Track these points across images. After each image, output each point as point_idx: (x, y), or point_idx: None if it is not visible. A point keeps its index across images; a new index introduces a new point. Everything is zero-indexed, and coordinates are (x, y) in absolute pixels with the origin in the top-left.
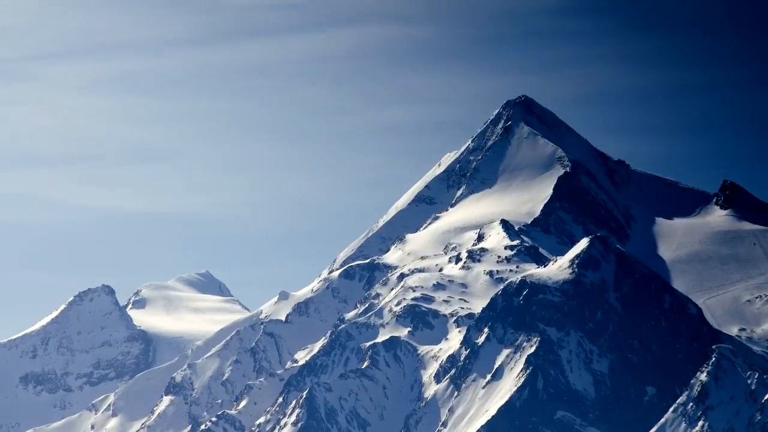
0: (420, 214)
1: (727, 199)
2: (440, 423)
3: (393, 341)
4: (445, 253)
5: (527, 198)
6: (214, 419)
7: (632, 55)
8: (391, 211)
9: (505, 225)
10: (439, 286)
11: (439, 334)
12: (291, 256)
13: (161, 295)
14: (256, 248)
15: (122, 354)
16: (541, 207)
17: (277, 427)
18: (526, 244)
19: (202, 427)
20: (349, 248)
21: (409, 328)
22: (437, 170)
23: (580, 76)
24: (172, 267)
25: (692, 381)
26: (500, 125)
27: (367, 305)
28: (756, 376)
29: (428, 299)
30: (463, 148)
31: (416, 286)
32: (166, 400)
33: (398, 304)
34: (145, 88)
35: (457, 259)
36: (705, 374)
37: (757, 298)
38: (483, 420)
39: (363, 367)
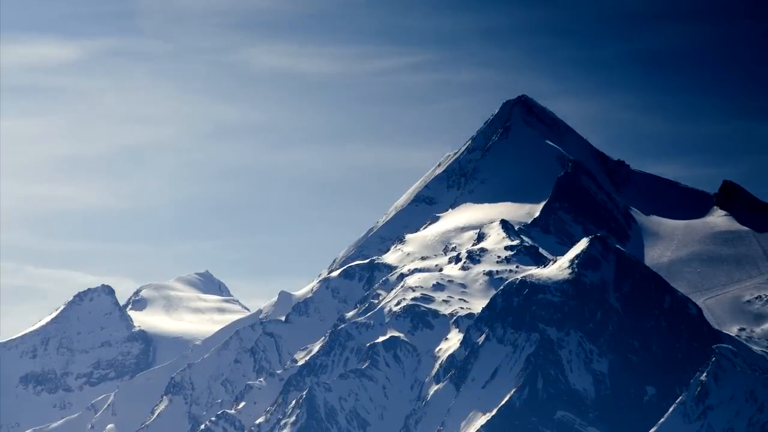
0: (420, 214)
1: (727, 199)
2: (440, 423)
3: (393, 341)
4: (445, 253)
5: (527, 198)
6: (213, 419)
7: (632, 54)
8: (391, 211)
9: (505, 225)
10: (438, 286)
11: (439, 334)
12: (291, 256)
13: (161, 295)
14: (256, 248)
15: (122, 354)
16: (540, 207)
17: (277, 427)
18: (526, 244)
19: (202, 427)
20: (348, 248)
21: (408, 328)
22: (437, 170)
23: (579, 76)
24: (172, 267)
25: (692, 381)
26: (500, 125)
27: (366, 305)
28: (756, 376)
29: (428, 299)
30: (462, 148)
31: (416, 286)
32: (166, 400)
33: (398, 304)
34: None
35: (457, 259)
36: (705, 374)
37: (757, 298)
38: (483, 420)
39: (363, 367)
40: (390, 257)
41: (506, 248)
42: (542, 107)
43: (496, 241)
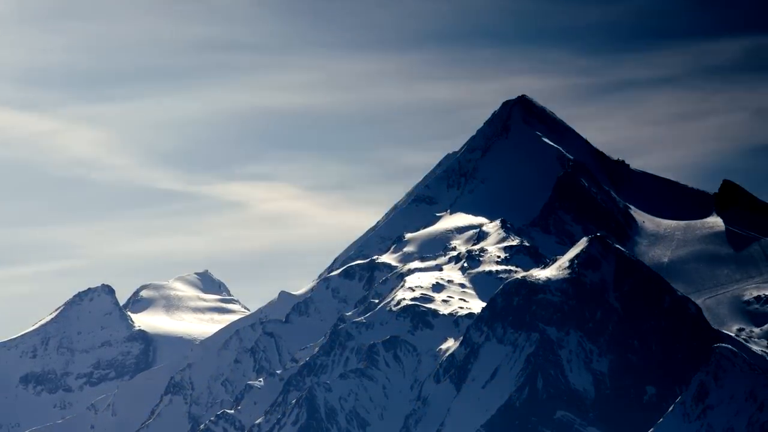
0: (420, 214)
1: (727, 199)
2: (440, 423)
3: (393, 341)
4: (445, 253)
5: (527, 198)
6: (213, 419)
7: (632, 53)
8: (391, 211)
9: (505, 225)
10: (438, 286)
11: (438, 333)
12: (291, 257)
13: (161, 295)
14: (257, 248)
15: (122, 354)
16: (541, 207)
17: (277, 427)
18: (526, 244)
19: (202, 426)
20: (348, 248)
21: (408, 328)
22: (437, 170)
23: (579, 76)
24: (172, 267)
25: (692, 381)
26: (500, 125)
27: (366, 305)
28: (756, 376)
29: (428, 299)
30: (462, 148)
31: (416, 286)
32: (166, 400)
33: (398, 303)
34: None
35: (457, 259)
36: (705, 374)
37: (756, 298)
38: (483, 420)
39: (363, 366)
40: (390, 257)
41: (506, 248)
42: (542, 107)
43: (496, 241)
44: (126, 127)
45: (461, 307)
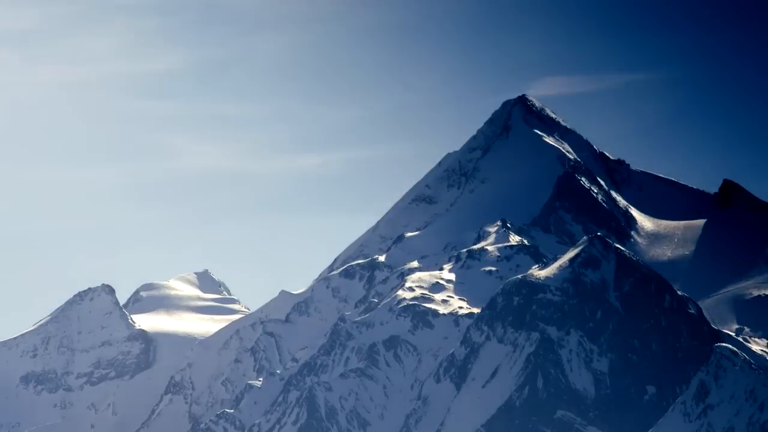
0: (420, 213)
1: (727, 199)
2: (440, 423)
3: (393, 340)
4: (445, 253)
5: (527, 198)
6: (213, 419)
7: (632, 54)
8: (391, 211)
9: (505, 224)
10: (439, 286)
11: (439, 333)
12: (291, 256)
13: (161, 295)
14: (256, 248)
15: (122, 354)
16: (541, 207)
17: (277, 426)
18: (526, 244)
19: (202, 426)
20: (349, 248)
21: (409, 328)
22: (437, 170)
23: (579, 76)
24: (172, 267)
25: (692, 380)
26: (500, 124)
27: (367, 304)
28: (756, 375)
29: (428, 299)
30: (463, 147)
31: (416, 286)
32: (166, 399)
33: (398, 303)
34: None
35: (457, 258)
36: (705, 373)
37: (756, 298)
38: (483, 419)
39: (363, 366)
40: (390, 256)
41: (506, 248)
42: (542, 107)
43: (496, 240)
44: None
45: (461, 307)
